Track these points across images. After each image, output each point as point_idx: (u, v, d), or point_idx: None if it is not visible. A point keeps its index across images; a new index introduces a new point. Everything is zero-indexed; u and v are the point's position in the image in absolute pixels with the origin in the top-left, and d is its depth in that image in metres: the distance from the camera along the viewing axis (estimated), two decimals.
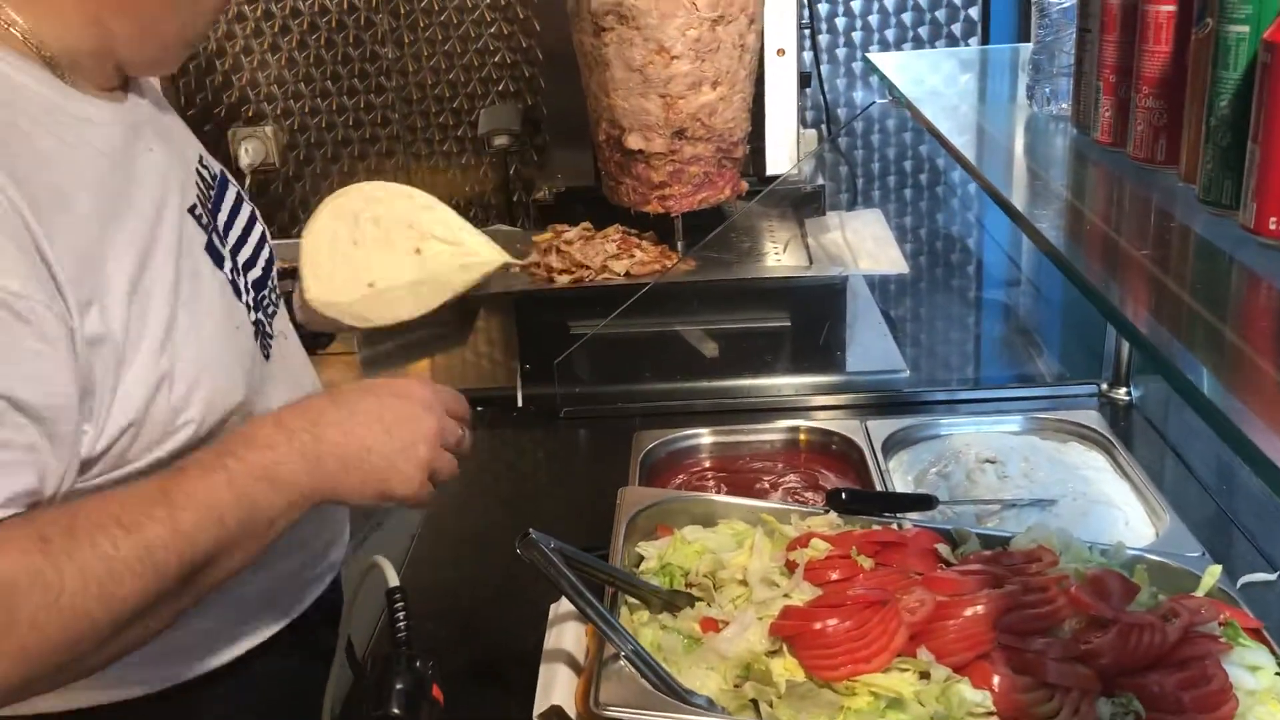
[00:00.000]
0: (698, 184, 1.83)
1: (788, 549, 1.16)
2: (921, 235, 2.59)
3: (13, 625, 0.72)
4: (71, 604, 0.74)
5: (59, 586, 0.74)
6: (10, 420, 0.76)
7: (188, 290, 0.92)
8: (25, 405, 0.77)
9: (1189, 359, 0.67)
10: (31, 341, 0.78)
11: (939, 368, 1.99)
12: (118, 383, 0.85)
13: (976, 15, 2.49)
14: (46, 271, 0.79)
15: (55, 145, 0.86)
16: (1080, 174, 1.08)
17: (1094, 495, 1.35)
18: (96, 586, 0.75)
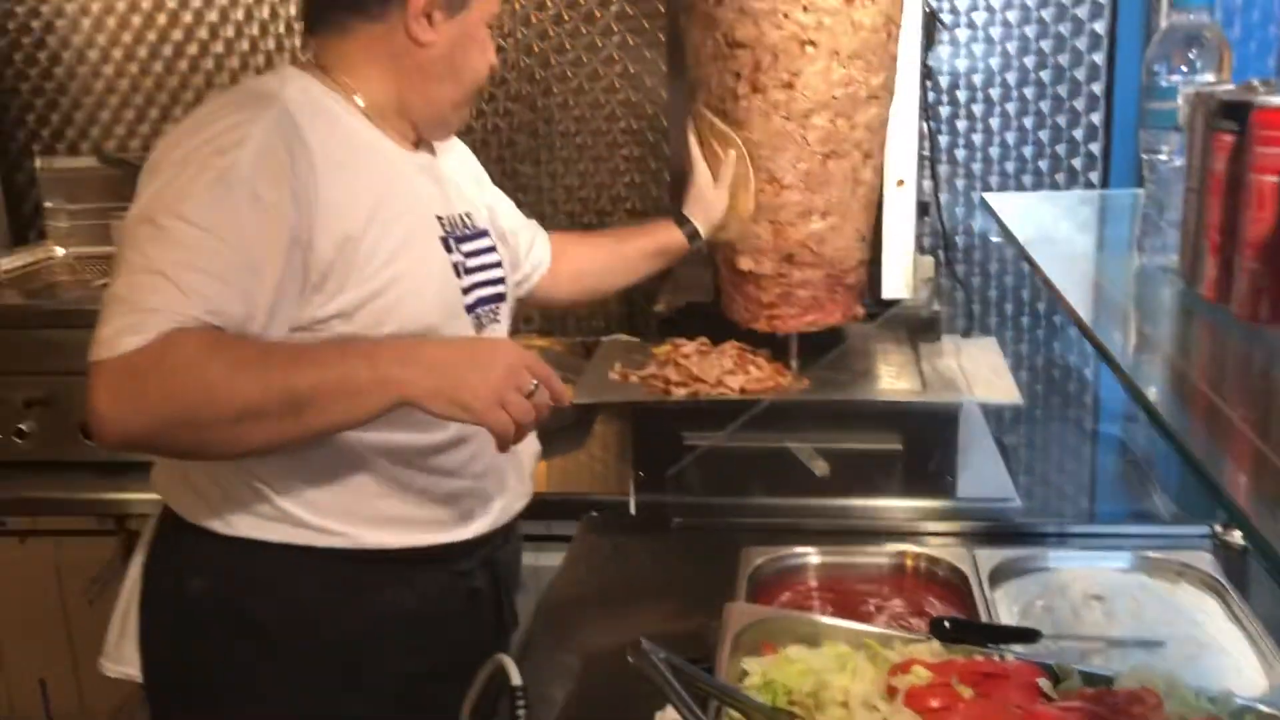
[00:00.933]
0: (806, 306, 1.88)
1: (889, 674, 1.19)
2: (1037, 364, 2.59)
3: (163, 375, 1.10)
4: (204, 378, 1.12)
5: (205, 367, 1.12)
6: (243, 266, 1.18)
7: (417, 245, 1.36)
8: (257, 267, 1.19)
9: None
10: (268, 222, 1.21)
11: (1051, 498, 1.99)
12: (350, 277, 1.26)
13: (1098, 150, 2.53)
14: (306, 197, 1.24)
15: (350, 152, 1.33)
16: (1185, 329, 1.11)
17: (1204, 640, 1.34)
18: (227, 375, 1.13)
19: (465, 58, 1.40)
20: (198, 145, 1.21)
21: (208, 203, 1.17)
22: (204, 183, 1.18)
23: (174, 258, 1.14)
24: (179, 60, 2.74)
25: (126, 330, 1.10)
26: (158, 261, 1.14)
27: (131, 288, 1.13)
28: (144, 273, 1.14)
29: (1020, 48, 2.51)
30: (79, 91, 2.78)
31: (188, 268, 1.14)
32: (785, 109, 1.73)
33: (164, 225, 1.16)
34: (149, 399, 1.10)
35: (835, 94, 1.71)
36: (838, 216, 1.81)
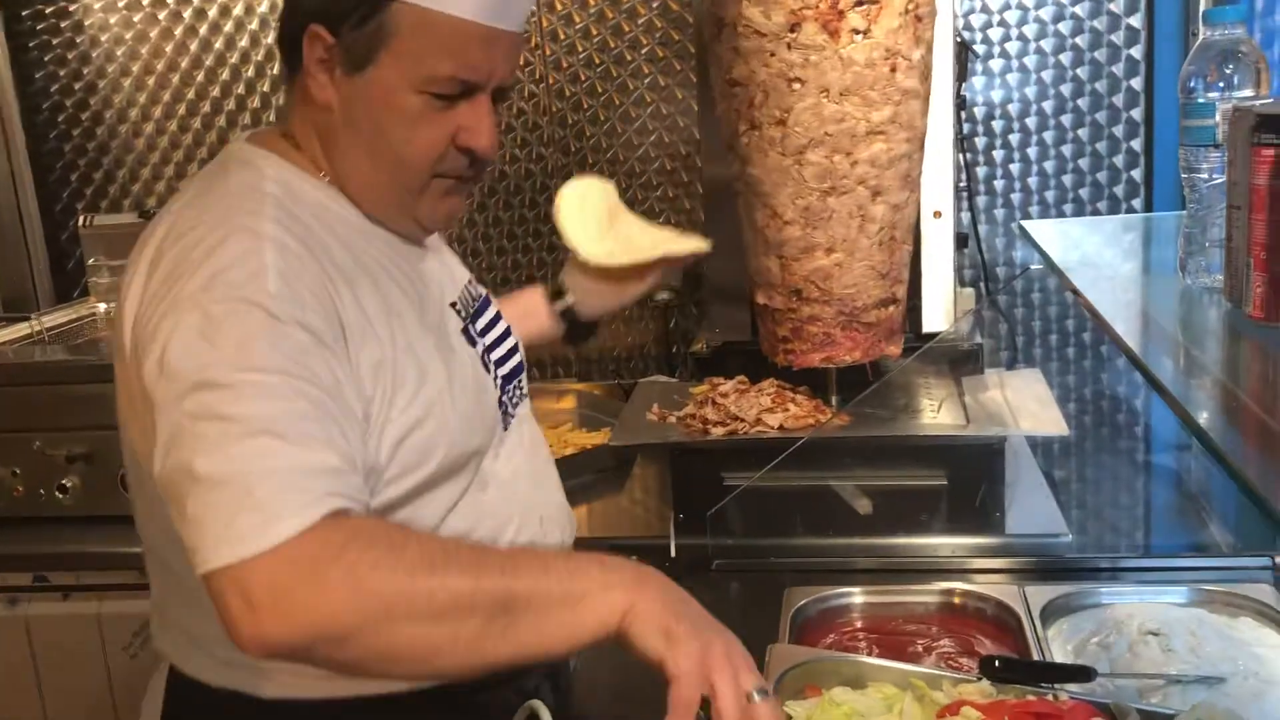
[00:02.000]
0: (818, 343, 1.86)
1: (938, 716, 1.15)
2: (1086, 395, 2.54)
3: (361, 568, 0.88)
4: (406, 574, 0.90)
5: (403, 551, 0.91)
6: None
7: (444, 352, 1.15)
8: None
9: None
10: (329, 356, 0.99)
11: (1104, 532, 1.93)
12: (389, 409, 1.05)
13: (1139, 177, 2.49)
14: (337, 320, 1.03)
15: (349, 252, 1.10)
16: (1233, 350, 1.08)
17: (1267, 675, 1.29)
18: (425, 566, 0.90)
19: (375, 129, 1.10)
20: (205, 285, 0.97)
21: (268, 344, 0.95)
22: (251, 322, 0.95)
23: (273, 412, 0.92)
24: (217, 116, 2.78)
25: (258, 521, 0.88)
26: (257, 421, 0.91)
27: (231, 462, 0.90)
28: (244, 438, 0.90)
29: (1056, 76, 2.48)
30: (120, 150, 2.83)
31: (299, 420, 0.93)
32: (780, 145, 1.73)
33: (233, 382, 0.93)
34: (325, 598, 0.87)
35: (829, 130, 1.70)
36: (843, 253, 1.79)
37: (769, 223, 1.81)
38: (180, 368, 0.94)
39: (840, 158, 1.72)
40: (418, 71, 1.07)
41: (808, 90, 1.68)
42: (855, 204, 1.75)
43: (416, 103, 1.08)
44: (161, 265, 1.01)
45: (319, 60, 1.09)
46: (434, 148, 1.11)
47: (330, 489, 0.91)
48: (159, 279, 1.00)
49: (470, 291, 1.30)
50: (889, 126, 1.71)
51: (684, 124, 2.62)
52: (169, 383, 0.94)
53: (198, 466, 0.90)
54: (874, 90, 1.68)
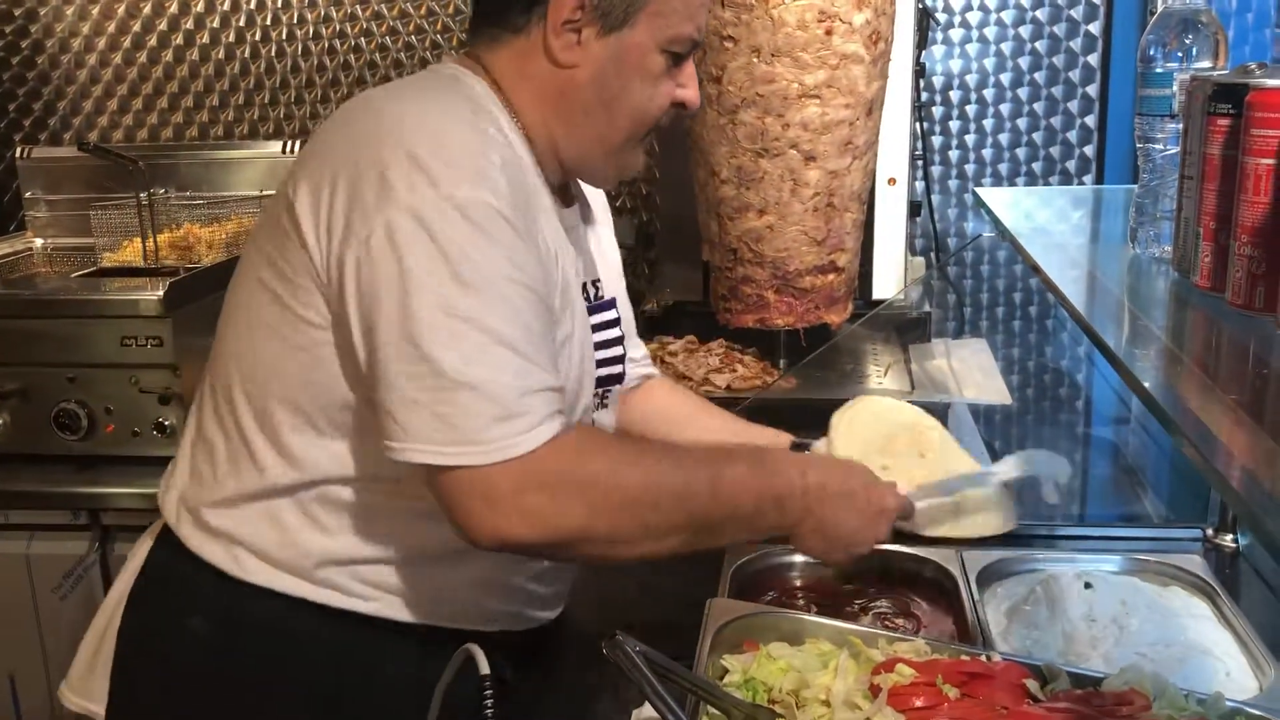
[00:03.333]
0: (750, 304, 1.87)
1: (873, 673, 1.16)
2: (1029, 367, 2.57)
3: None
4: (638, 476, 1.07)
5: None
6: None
7: (574, 312, 1.20)
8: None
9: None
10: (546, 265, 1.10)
11: (1041, 502, 1.96)
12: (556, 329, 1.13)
13: (1091, 153, 2.51)
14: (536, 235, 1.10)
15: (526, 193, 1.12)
16: (1179, 318, 1.09)
17: (1192, 643, 1.31)
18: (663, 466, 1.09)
19: (623, 88, 1.15)
20: (442, 172, 1.02)
21: (507, 250, 1.03)
22: (491, 225, 1.02)
23: (515, 326, 1.01)
24: (163, 51, 2.71)
25: (510, 426, 0.98)
26: (502, 334, 1.00)
27: (480, 367, 0.99)
28: (491, 346, 0.99)
29: (1015, 48, 2.49)
30: (62, 81, 2.75)
31: (535, 338, 1.03)
32: (717, 104, 1.73)
33: (480, 285, 1.00)
34: (564, 510, 1.01)
35: (760, 90, 1.69)
36: (774, 216, 1.78)
37: (708, 180, 1.80)
38: (424, 252, 0.99)
39: (772, 119, 1.71)
40: (666, 32, 1.14)
41: (740, 49, 1.67)
42: (787, 167, 1.75)
43: (660, 62, 1.15)
44: (388, 134, 1.04)
45: (566, 21, 1.12)
46: (666, 101, 1.18)
47: (558, 407, 1.02)
48: (388, 146, 1.02)
49: (597, 287, 1.33)
50: (824, 90, 1.70)
51: None
52: (409, 258, 0.99)
53: (446, 363, 0.98)
54: (807, 53, 1.67)
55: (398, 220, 0.99)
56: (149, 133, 2.77)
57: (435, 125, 1.05)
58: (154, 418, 2.11)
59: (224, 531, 1.17)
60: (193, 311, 2.08)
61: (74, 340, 2.09)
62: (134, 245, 2.35)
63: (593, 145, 1.18)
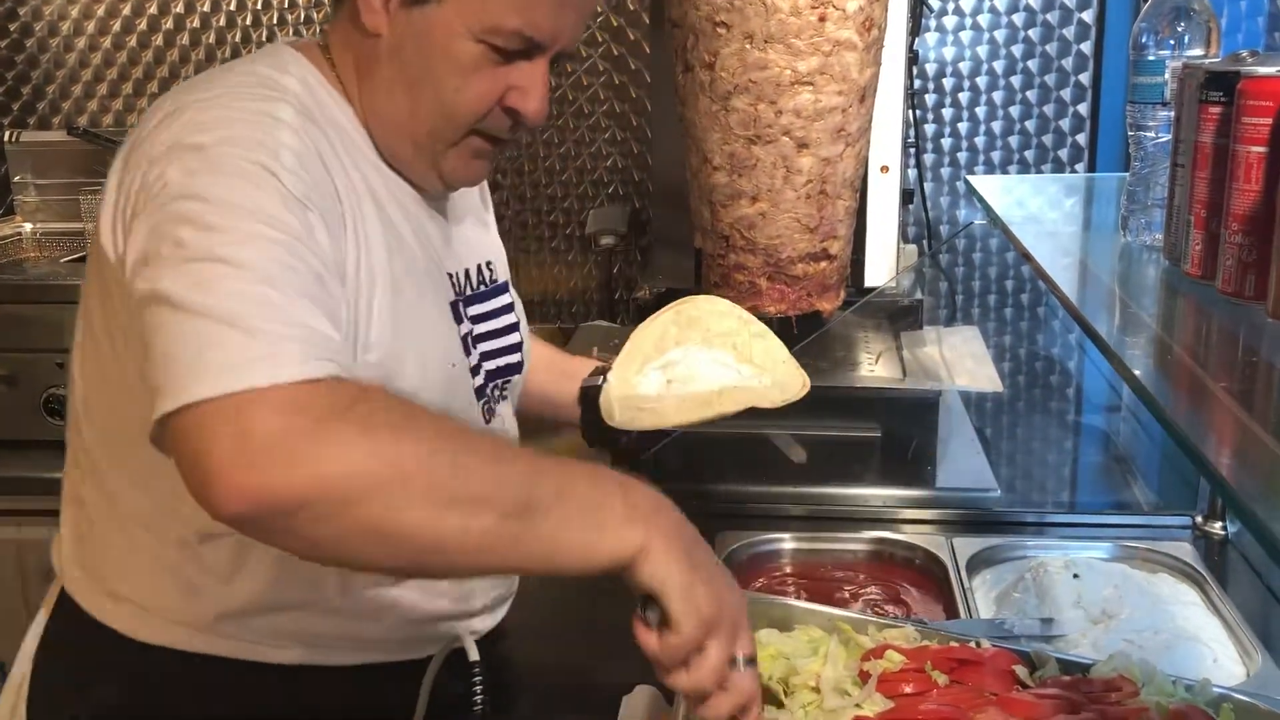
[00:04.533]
0: (744, 291, 1.86)
1: (863, 659, 1.16)
2: (1020, 355, 2.58)
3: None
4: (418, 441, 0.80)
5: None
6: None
7: (427, 304, 1.07)
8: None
9: (1269, 503, 0.67)
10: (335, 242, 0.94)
11: (1031, 489, 1.97)
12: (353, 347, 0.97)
13: (1084, 142, 2.51)
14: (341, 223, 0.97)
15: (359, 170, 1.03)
16: (1169, 305, 1.09)
17: (1181, 630, 1.32)
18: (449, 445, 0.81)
19: (425, 72, 1.02)
20: (216, 141, 0.90)
21: (279, 205, 0.88)
22: (262, 181, 0.89)
23: (275, 269, 0.84)
24: (154, 35, 2.69)
25: (263, 355, 0.79)
26: (257, 272, 0.83)
27: (231, 300, 0.81)
28: (246, 284, 0.82)
29: (1008, 36, 2.49)
30: (51, 64, 2.73)
31: (304, 285, 0.86)
32: (710, 90, 1.71)
33: (233, 226, 0.85)
34: (336, 451, 0.76)
35: (753, 77, 1.68)
36: (767, 203, 1.78)
37: (701, 167, 1.79)
38: (177, 195, 0.86)
39: (765, 106, 1.70)
40: (482, 19, 0.99)
41: (733, 35, 1.66)
42: (780, 154, 1.74)
43: (474, 51, 1.00)
44: (162, 131, 0.92)
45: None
46: (482, 102, 1.03)
47: (332, 355, 0.82)
48: (161, 142, 0.91)
49: (484, 274, 1.21)
50: (817, 77, 1.69)
51: (636, 66, 2.58)
52: (160, 206, 0.86)
53: (192, 299, 0.80)
54: (800, 39, 1.66)
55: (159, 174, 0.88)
56: (138, 117, 2.76)
57: (207, 115, 0.93)
58: None
59: (122, 594, 1.05)
60: None
61: (63, 325, 2.06)
62: None
63: (397, 132, 1.06)
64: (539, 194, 2.68)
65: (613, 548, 0.84)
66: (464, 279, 1.16)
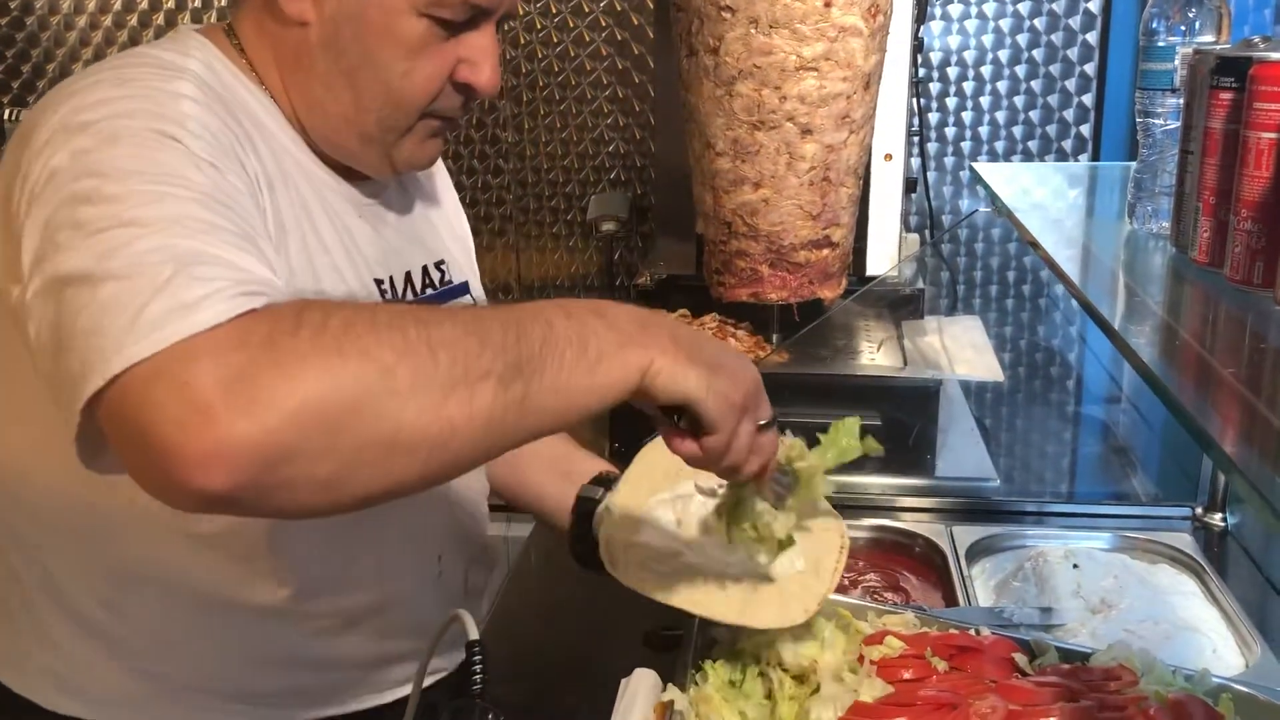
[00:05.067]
0: (744, 278, 1.86)
1: (862, 645, 1.16)
2: (1021, 345, 2.58)
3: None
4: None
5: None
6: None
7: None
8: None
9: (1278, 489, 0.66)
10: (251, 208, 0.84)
11: (1031, 479, 1.97)
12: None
13: (1088, 133, 2.50)
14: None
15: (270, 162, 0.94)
16: (1177, 293, 1.08)
17: (1180, 620, 1.32)
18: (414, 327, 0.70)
19: (366, 58, 0.94)
20: (107, 115, 0.81)
21: (189, 166, 0.79)
22: (164, 146, 0.80)
23: (186, 217, 0.75)
24: (155, 14, 2.68)
25: (182, 302, 0.68)
26: (164, 221, 0.73)
27: (134, 258, 0.71)
28: (150, 235, 0.72)
29: (1014, 25, 2.48)
30: (51, 43, 2.72)
31: (224, 233, 0.76)
32: (713, 75, 1.70)
33: (131, 190, 0.75)
34: (301, 371, 0.64)
35: (757, 62, 1.67)
36: (770, 190, 1.77)
37: (704, 153, 1.78)
38: (68, 179, 0.76)
39: (769, 91, 1.69)
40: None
41: (738, 20, 1.65)
42: (783, 140, 1.73)
43: (419, 28, 0.92)
44: (41, 129, 0.81)
45: None
46: (433, 82, 0.96)
47: (265, 289, 0.71)
48: (39, 138, 0.80)
49: (431, 276, 1.11)
50: (822, 63, 1.68)
51: (639, 50, 2.57)
52: (49, 197, 0.76)
53: (100, 268, 0.70)
54: (805, 24, 1.65)
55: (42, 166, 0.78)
56: None
57: (93, 96, 0.83)
58: None
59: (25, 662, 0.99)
60: None
61: None
62: None
63: (341, 126, 0.97)
64: (540, 179, 2.67)
65: (619, 378, 0.78)
66: (402, 283, 1.06)
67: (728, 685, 1.11)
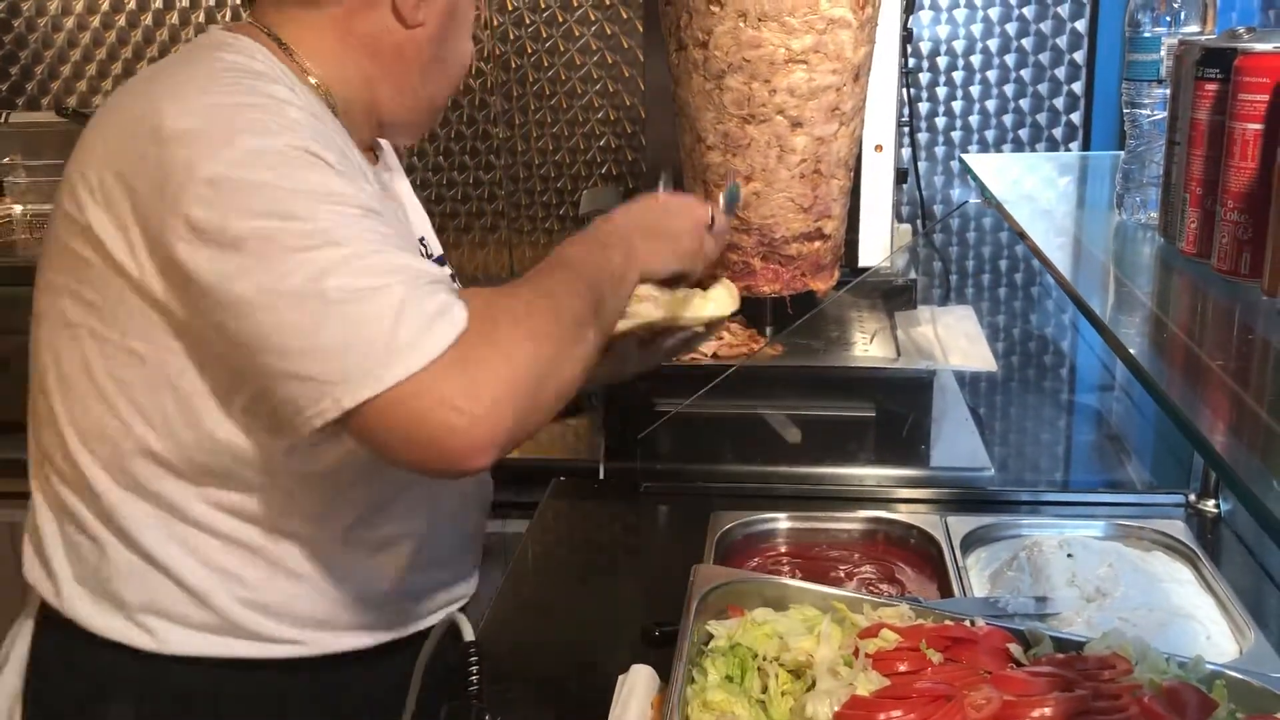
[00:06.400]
0: (738, 271, 1.85)
1: (858, 638, 1.16)
2: (1014, 335, 2.58)
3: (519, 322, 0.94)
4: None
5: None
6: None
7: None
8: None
9: (1264, 479, 0.67)
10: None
11: (1025, 468, 1.97)
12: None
13: (1078, 120, 2.50)
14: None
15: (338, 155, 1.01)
16: (1165, 283, 1.09)
17: (1174, 607, 1.32)
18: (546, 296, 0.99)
19: (455, 42, 1.15)
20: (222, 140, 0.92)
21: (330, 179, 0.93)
22: (310, 166, 0.93)
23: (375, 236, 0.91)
24: (143, 14, 2.67)
25: (427, 314, 0.88)
26: (366, 243, 0.90)
27: (363, 276, 0.88)
28: (364, 258, 0.89)
29: (1002, 14, 2.48)
30: (39, 45, 2.71)
31: (399, 241, 0.95)
32: (703, 69, 1.70)
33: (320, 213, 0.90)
34: (510, 357, 0.90)
35: (746, 56, 1.67)
36: (761, 183, 1.77)
37: (694, 146, 1.78)
38: (231, 191, 0.89)
39: (758, 85, 1.69)
40: None
41: (726, 13, 1.65)
42: (773, 133, 1.73)
43: (471, 10, 1.16)
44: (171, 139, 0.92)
45: None
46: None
47: (447, 285, 0.92)
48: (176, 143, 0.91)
49: (427, 245, 1.27)
50: (811, 56, 1.68)
51: (629, 45, 2.57)
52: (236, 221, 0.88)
53: (319, 288, 0.86)
54: (794, 17, 1.65)
55: (203, 193, 0.89)
56: None
57: (205, 100, 0.95)
58: None
59: (127, 603, 1.04)
60: None
61: None
62: None
63: (424, 105, 1.17)
64: (532, 174, 2.67)
65: (632, 285, 1.13)
66: (421, 249, 1.23)
67: (724, 681, 1.12)
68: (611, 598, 1.50)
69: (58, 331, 1.03)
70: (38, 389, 1.08)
